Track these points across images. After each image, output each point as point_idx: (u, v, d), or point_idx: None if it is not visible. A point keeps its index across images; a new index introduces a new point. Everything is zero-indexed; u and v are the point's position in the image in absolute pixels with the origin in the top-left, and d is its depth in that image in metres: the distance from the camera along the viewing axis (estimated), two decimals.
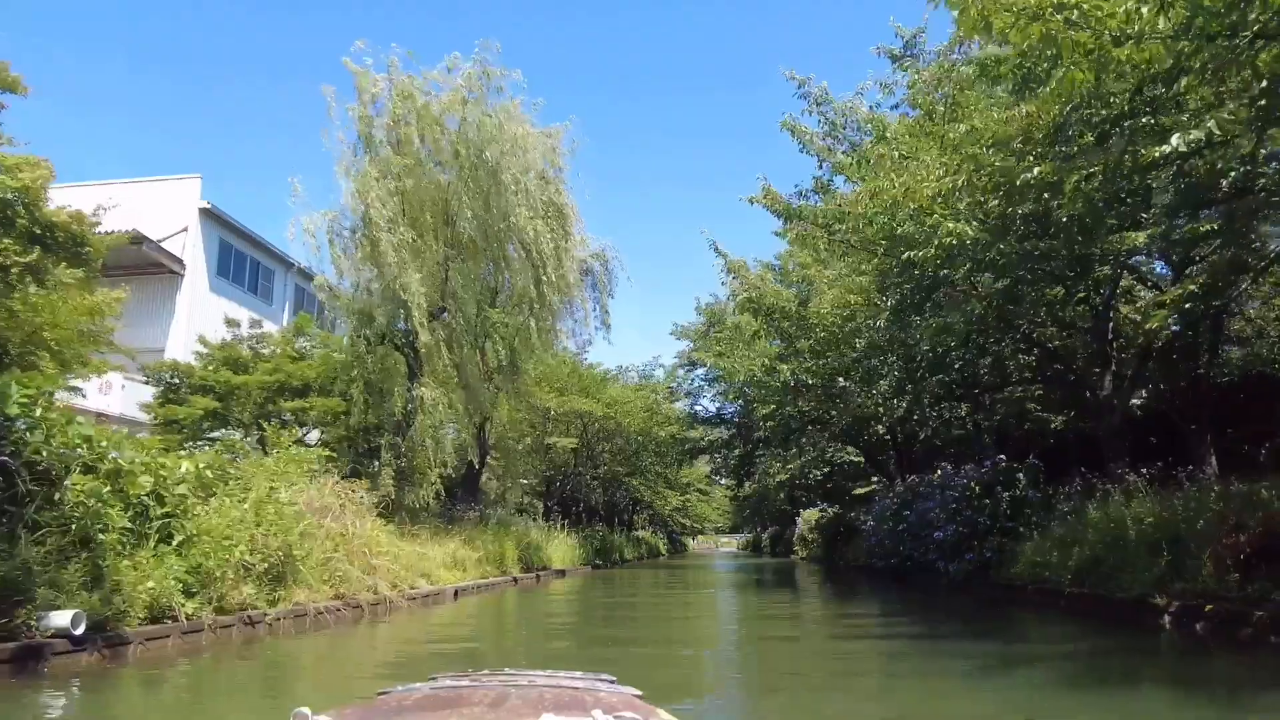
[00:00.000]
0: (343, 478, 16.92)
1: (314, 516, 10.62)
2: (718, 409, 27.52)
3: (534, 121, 17.95)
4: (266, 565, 8.85)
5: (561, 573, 23.14)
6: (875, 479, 35.77)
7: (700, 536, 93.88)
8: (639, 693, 1.69)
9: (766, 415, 19.16)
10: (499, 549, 18.01)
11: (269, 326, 22.07)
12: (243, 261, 28.09)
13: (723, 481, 66.47)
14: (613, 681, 1.83)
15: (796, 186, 13.18)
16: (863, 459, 31.02)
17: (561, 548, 24.98)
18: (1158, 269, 13.04)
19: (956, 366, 13.54)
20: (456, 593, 13.85)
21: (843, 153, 12.69)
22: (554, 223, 18.50)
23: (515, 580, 18.06)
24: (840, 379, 13.40)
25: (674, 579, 23.88)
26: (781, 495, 52.22)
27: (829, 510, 34.19)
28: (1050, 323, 13.04)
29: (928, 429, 13.34)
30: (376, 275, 17.18)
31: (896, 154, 10.26)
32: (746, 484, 30.49)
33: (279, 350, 19.94)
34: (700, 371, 27.63)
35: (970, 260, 8.60)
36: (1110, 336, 13.31)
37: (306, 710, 1.24)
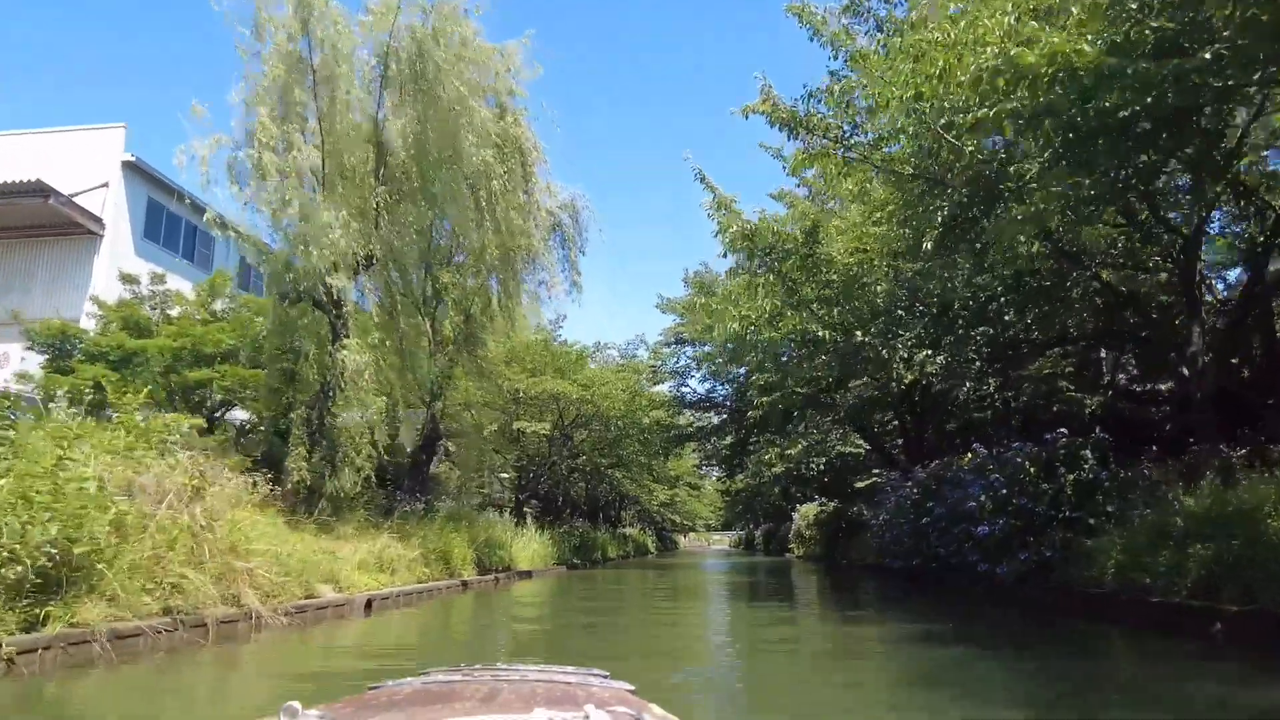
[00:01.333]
0: (255, 463, 14.05)
1: (144, 502, 7.70)
2: (707, 391, 24.72)
3: (485, 34, 15.00)
4: (27, 566, 5.94)
5: (528, 574, 20.25)
6: (878, 472, 33.15)
7: (692, 534, 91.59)
8: (632, 687, 1.67)
9: (764, 387, 16.26)
10: (444, 547, 15.09)
11: (183, 286, 19.05)
12: (176, 224, 24.98)
13: (713, 475, 63.65)
14: (605, 676, 1.80)
15: (805, 87, 10.27)
16: (863, 450, 28.29)
17: (530, 546, 22.09)
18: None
19: (1006, 317, 10.69)
20: (371, 603, 10.93)
21: (865, 35, 9.81)
22: (511, 161, 15.57)
23: (465, 584, 15.15)
24: (858, 333, 10.51)
25: (657, 581, 21.01)
26: (776, 490, 49.49)
27: (828, 505, 31.38)
28: (1126, 260, 10.18)
29: (964, 392, 10.49)
30: (298, 215, 14.21)
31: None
32: (739, 475, 27.63)
33: (193, 313, 16.98)
34: (688, 350, 24.76)
35: (1083, 94, 5.68)
36: (1198, 278, 10.50)
37: (296, 705, 1.22)
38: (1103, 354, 21.61)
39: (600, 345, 25.74)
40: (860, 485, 32.79)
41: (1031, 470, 10.59)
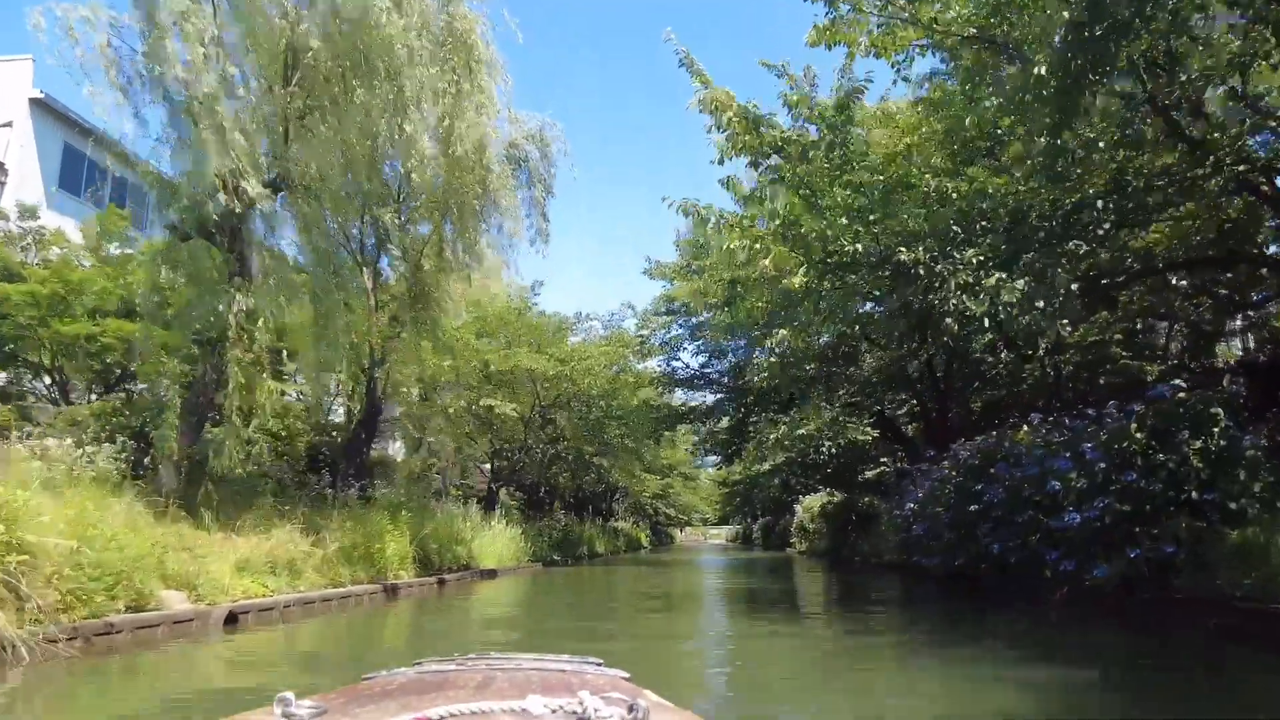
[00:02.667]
0: (135, 435, 11.19)
1: None
2: (701, 366, 21.83)
3: None
4: None
5: (491, 573, 17.38)
6: (885, 460, 30.32)
7: (689, 528, 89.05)
8: (626, 675, 1.65)
9: (781, 323, 13.34)
10: (371, 542, 12.21)
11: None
12: (101, 176, 21.99)
13: (709, 467, 60.77)
14: (600, 664, 1.75)
15: None
16: (871, 437, 25.43)
17: (498, 541, 19.22)
18: None
19: (1103, 228, 7.85)
20: (236, 616, 8.04)
21: None
22: (456, 62, 12.63)
23: (393, 589, 12.26)
24: (901, 251, 7.64)
25: (644, 582, 18.15)
26: (775, 482, 46.60)
27: (835, 496, 28.55)
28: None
29: (1056, 332, 7.62)
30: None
31: None
32: (737, 463, 24.72)
33: (78, 256, 14.05)
34: (680, 323, 21.81)
35: None
36: None
37: (290, 695, 1.19)
38: (1155, 324, 18.84)
39: (582, 316, 22.96)
40: (869, 475, 30.07)
41: (1140, 437, 7.70)
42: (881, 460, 30.37)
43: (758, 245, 8.16)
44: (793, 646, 7.18)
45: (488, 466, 27.19)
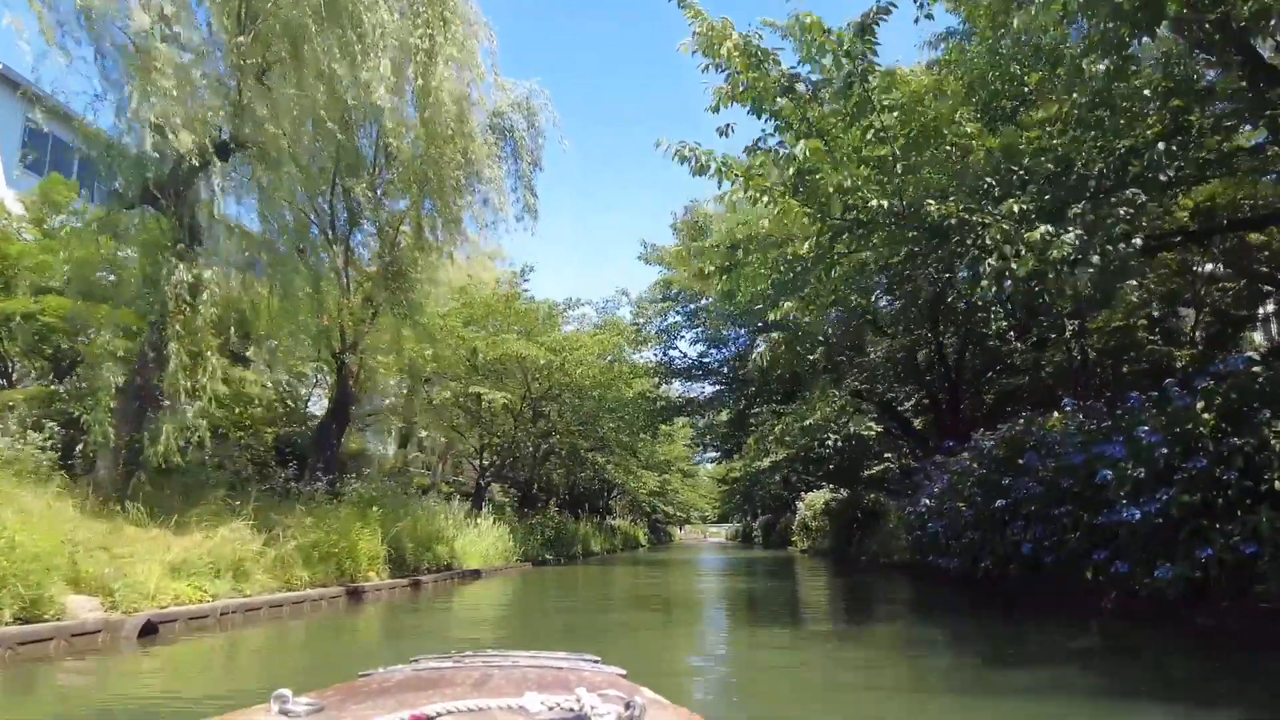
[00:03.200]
0: (68, 424, 10.09)
1: None
2: (699, 355, 20.70)
3: None
4: None
5: (475, 574, 16.28)
6: (890, 456, 29.22)
7: (688, 526, 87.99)
8: (623, 671, 1.67)
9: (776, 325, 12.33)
10: (337, 541, 11.10)
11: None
12: (67, 155, 20.85)
13: (708, 464, 59.53)
14: (597, 661, 1.77)
15: None
16: (874, 431, 24.35)
17: (485, 539, 18.12)
18: None
19: (1165, 174, 6.76)
20: (154, 627, 6.92)
21: None
22: (430, 14, 11.50)
23: (357, 593, 11.15)
24: (929, 205, 6.53)
25: (639, 584, 17.07)
26: (776, 478, 45.44)
27: (839, 493, 27.45)
28: None
29: (1120, 288, 6.51)
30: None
31: None
32: (737, 458, 23.61)
33: (15, 229, 12.93)
34: (678, 310, 20.64)
35: None
36: None
37: (287, 692, 1.20)
38: (1181, 312, 17.77)
39: (574, 302, 21.77)
40: (872, 472, 28.97)
41: (1208, 418, 6.59)
42: (885, 456, 29.33)
43: (765, 198, 7.02)
44: (800, 665, 6.08)
45: (488, 463, 26.14)
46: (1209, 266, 15.99)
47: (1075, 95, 7.19)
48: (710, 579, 17.82)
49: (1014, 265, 6.30)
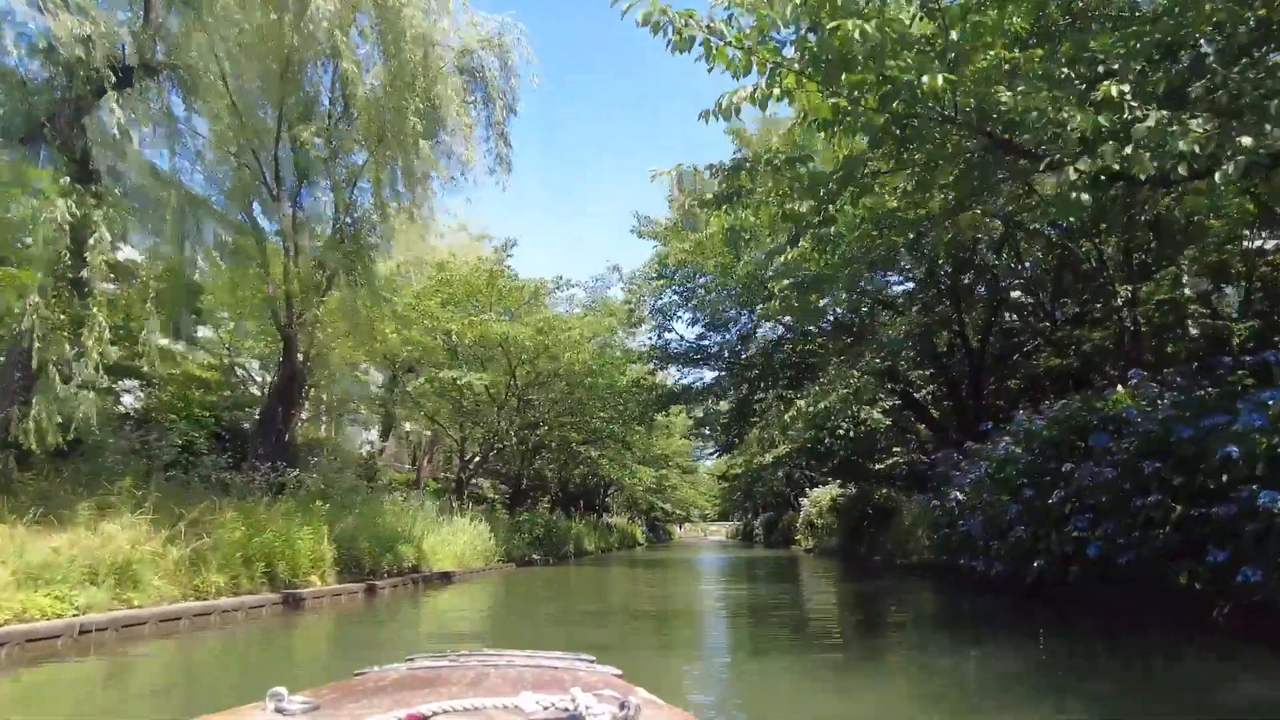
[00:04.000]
0: None
1: None
2: (697, 337, 18.96)
3: None
4: None
5: (446, 577, 14.58)
6: (899, 449, 27.53)
7: (688, 524, 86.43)
8: (619, 671, 1.67)
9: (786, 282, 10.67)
10: (271, 539, 9.40)
11: None
12: None
13: (707, 460, 57.77)
14: (592, 661, 1.78)
15: None
16: (884, 425, 22.66)
17: (460, 538, 16.41)
18: None
19: None
20: None
21: None
22: None
23: (294, 600, 9.44)
24: (999, 92, 4.78)
25: (630, 590, 15.40)
26: (779, 474, 43.70)
27: (848, 489, 25.74)
28: None
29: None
30: None
31: None
32: (738, 454, 21.91)
33: None
34: (675, 290, 18.85)
35: None
36: None
37: (283, 690, 1.21)
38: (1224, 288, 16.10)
39: (562, 282, 20.03)
40: (881, 466, 27.29)
41: None
42: (894, 450, 27.64)
43: (775, 90, 5.30)
44: (823, 697, 4.39)
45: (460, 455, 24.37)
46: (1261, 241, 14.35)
47: None
48: (709, 583, 16.13)
49: (1120, 163, 4.57)
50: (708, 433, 20.98)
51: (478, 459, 21.49)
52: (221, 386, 14.03)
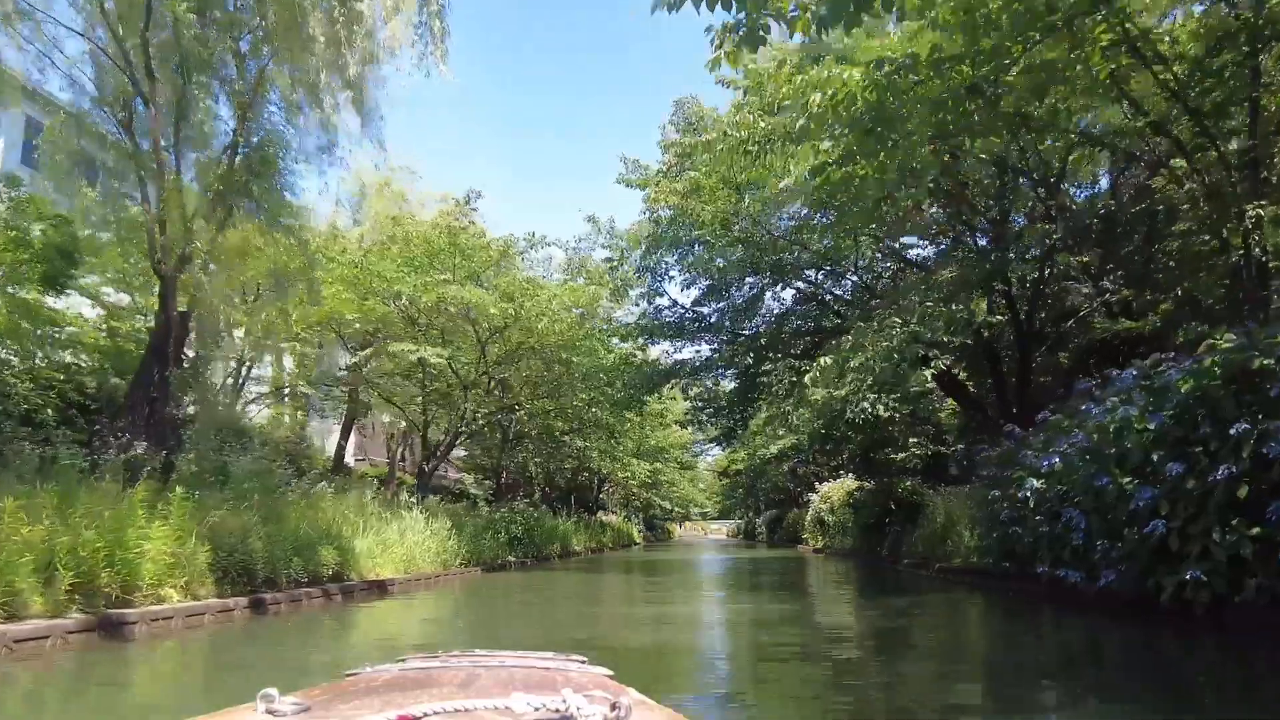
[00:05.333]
0: None
1: None
2: (694, 302, 16.08)
3: None
4: None
5: (383, 586, 11.83)
6: (916, 440, 24.82)
7: (688, 523, 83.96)
8: (610, 672, 1.67)
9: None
10: (92, 540, 6.67)
11: None
12: None
13: (708, 455, 54.94)
14: (583, 662, 1.77)
15: None
16: (898, 411, 19.93)
17: (408, 538, 13.67)
18: None
19: None
20: None
21: None
22: None
23: (113, 626, 6.69)
24: None
25: (605, 607, 12.70)
26: (784, 469, 40.96)
27: (865, 481, 22.99)
28: None
29: None
30: None
31: None
32: (739, 448, 19.13)
33: None
34: (667, 248, 15.97)
35: None
36: None
37: (273, 691, 1.19)
38: None
39: (537, 239, 17.18)
40: (899, 457, 24.60)
41: None
42: (911, 440, 24.94)
43: None
44: None
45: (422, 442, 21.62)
46: None
47: None
48: (709, 597, 13.37)
49: None
50: (707, 417, 18.17)
51: (444, 447, 18.73)
52: (95, 347, 11.30)
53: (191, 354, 11.71)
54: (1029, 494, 8.84)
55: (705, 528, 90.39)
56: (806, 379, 9.16)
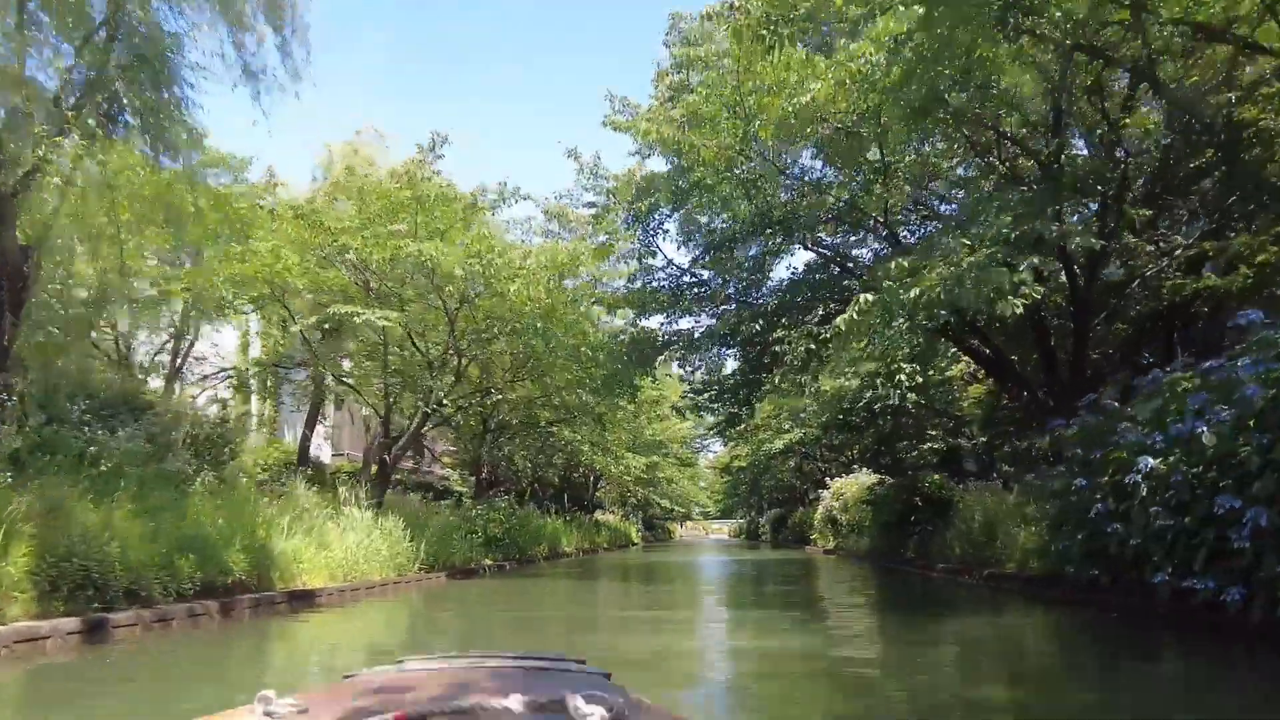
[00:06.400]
0: None
1: None
2: (692, 261, 13.72)
3: None
4: None
5: (306, 597, 9.58)
6: (933, 434, 22.60)
7: (689, 522, 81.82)
8: (608, 673, 1.67)
9: None
10: None
11: None
12: None
13: (709, 454, 52.56)
14: (581, 663, 1.78)
15: None
16: (915, 402, 17.71)
17: (349, 539, 11.39)
18: None
19: None
20: None
21: None
22: None
23: None
24: None
25: (566, 626, 10.48)
26: (790, 464, 38.72)
27: (884, 477, 20.73)
28: None
29: None
30: None
31: None
32: (744, 426, 16.79)
33: None
34: (659, 208, 13.53)
35: None
36: None
37: (271, 693, 1.21)
38: None
39: (509, 191, 14.83)
40: (921, 449, 22.40)
41: None
42: (929, 434, 22.74)
43: None
44: None
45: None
46: None
47: None
48: (709, 615, 11.11)
49: None
50: (706, 400, 15.87)
51: (407, 436, 16.43)
52: None
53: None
54: (1139, 479, 6.55)
55: (706, 527, 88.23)
56: (839, 321, 6.79)
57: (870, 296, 6.78)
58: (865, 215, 11.90)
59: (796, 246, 13.96)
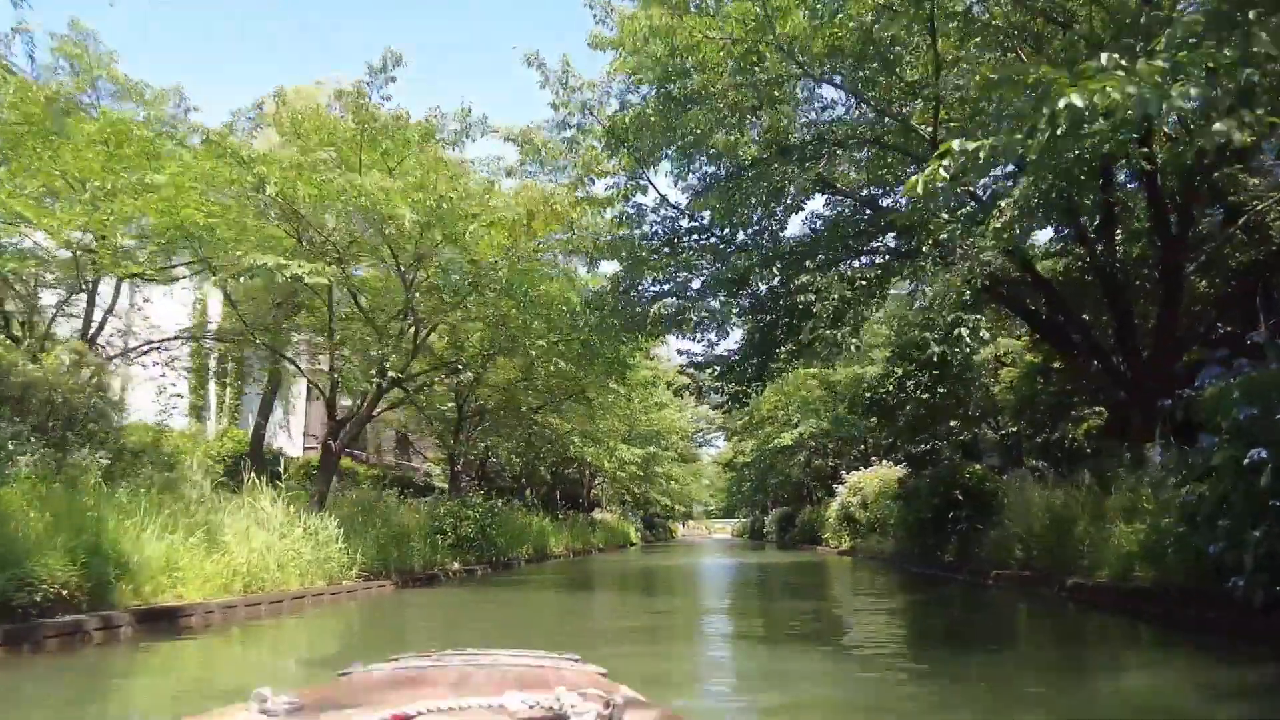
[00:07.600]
0: None
1: None
2: (692, 199, 11.17)
3: None
4: None
5: (172, 615, 7.11)
6: (956, 422, 20.21)
7: (691, 521, 79.47)
8: (603, 670, 1.65)
9: None
10: None
11: None
12: None
13: (711, 449, 49.95)
14: (577, 660, 1.74)
15: None
16: (936, 392, 15.32)
17: (254, 541, 8.93)
18: None
19: None
20: None
21: None
22: None
23: None
24: None
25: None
26: (799, 458, 36.18)
27: (914, 472, 18.17)
28: None
29: None
30: None
31: None
32: (754, 397, 14.19)
33: None
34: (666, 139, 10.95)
35: None
36: None
37: (267, 690, 1.19)
38: None
39: (473, 120, 12.23)
40: (954, 439, 20.04)
41: None
42: (952, 423, 20.35)
43: None
44: None
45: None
46: None
47: None
48: (725, 636, 8.65)
49: None
50: (709, 376, 13.35)
51: (356, 419, 13.96)
52: None
53: None
54: None
55: (709, 526, 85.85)
56: (915, 180, 4.25)
57: (967, 143, 4.27)
58: (912, 133, 9.42)
59: (818, 187, 11.45)
